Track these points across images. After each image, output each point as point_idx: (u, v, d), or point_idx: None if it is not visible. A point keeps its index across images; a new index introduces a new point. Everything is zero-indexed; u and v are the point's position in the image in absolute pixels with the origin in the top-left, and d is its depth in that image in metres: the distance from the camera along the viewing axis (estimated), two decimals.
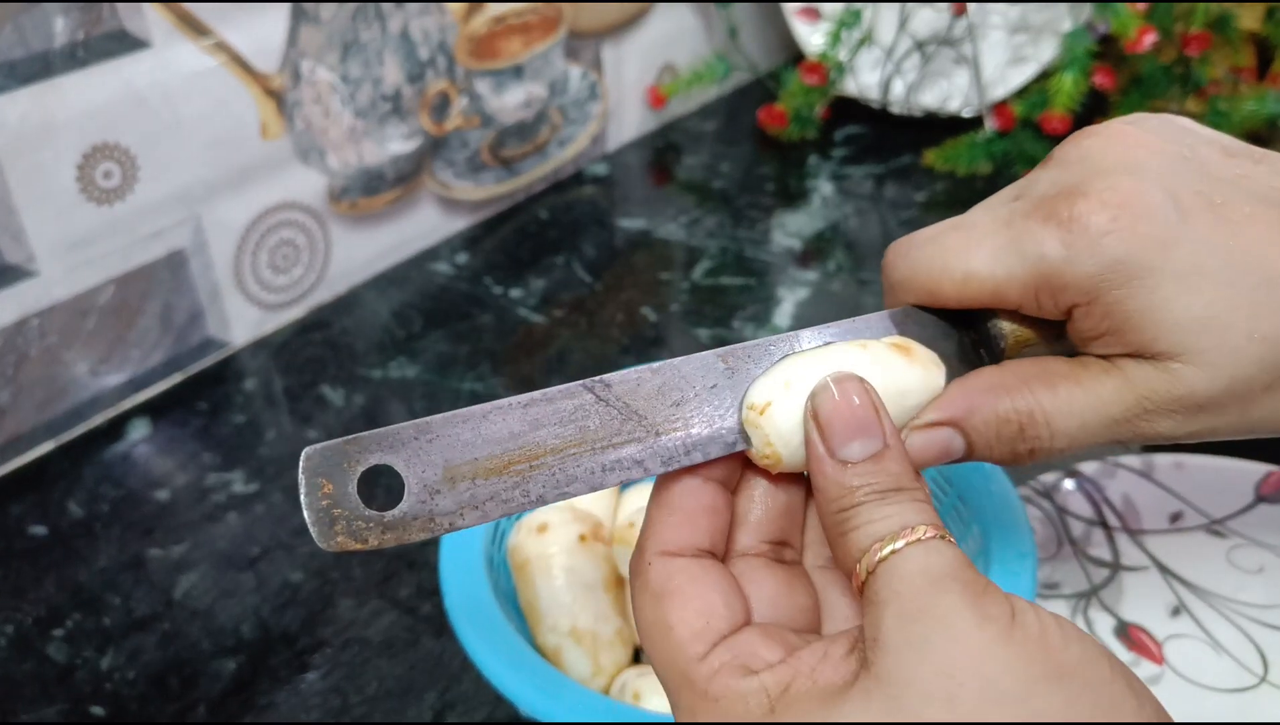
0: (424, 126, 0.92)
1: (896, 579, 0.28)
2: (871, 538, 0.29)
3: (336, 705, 0.57)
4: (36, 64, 0.67)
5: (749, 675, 0.29)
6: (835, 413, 0.31)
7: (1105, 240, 0.32)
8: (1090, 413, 0.34)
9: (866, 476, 0.30)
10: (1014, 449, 0.34)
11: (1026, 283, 0.33)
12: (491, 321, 0.86)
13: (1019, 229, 0.33)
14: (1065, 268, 0.32)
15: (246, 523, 0.68)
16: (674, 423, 0.33)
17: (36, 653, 0.60)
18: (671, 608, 0.31)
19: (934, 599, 0.28)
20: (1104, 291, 0.32)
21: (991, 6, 1.09)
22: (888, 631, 0.28)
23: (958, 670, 0.26)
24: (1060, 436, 0.34)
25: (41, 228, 0.70)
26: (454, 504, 0.30)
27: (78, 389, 0.75)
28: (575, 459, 0.32)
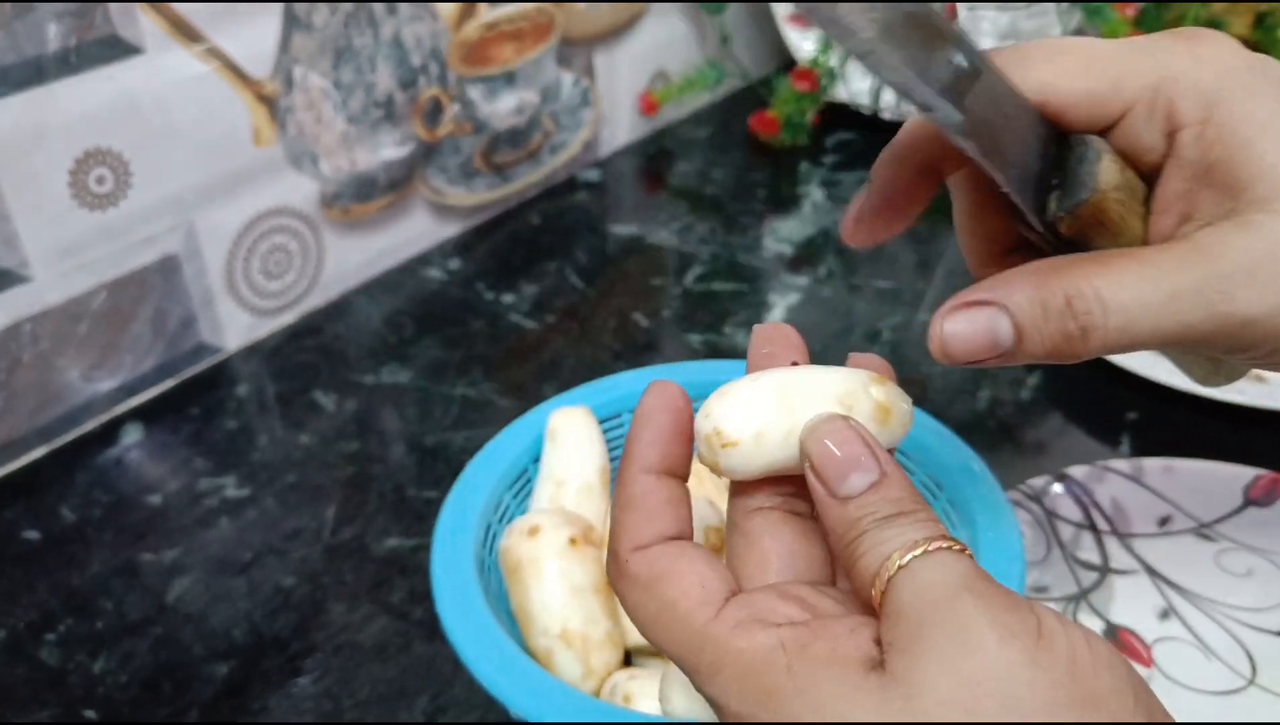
0: (416, 132, 0.92)
1: (908, 592, 0.28)
2: (879, 559, 0.29)
3: (328, 709, 0.57)
4: (29, 69, 0.67)
5: (767, 628, 0.29)
6: (827, 457, 0.30)
7: (1227, 54, 0.32)
8: (1148, 283, 0.31)
9: (867, 507, 0.30)
10: (1065, 329, 0.31)
11: (1148, 83, 0.32)
12: (484, 327, 0.86)
13: (1150, 39, 0.33)
14: (1190, 72, 0.32)
15: (239, 528, 0.68)
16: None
17: (29, 656, 0.60)
18: (667, 587, 0.30)
19: (949, 611, 0.27)
20: (1222, 103, 0.31)
21: (982, 14, 1.10)
22: (904, 639, 0.27)
23: (980, 683, 0.26)
24: (1114, 311, 0.31)
25: (34, 233, 0.70)
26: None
27: (70, 394, 0.75)
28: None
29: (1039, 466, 0.68)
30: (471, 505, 0.51)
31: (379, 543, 0.67)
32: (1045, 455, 0.71)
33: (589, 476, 0.54)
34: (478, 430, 0.75)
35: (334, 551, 0.66)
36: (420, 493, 0.70)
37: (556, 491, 0.54)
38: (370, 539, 0.67)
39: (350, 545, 0.67)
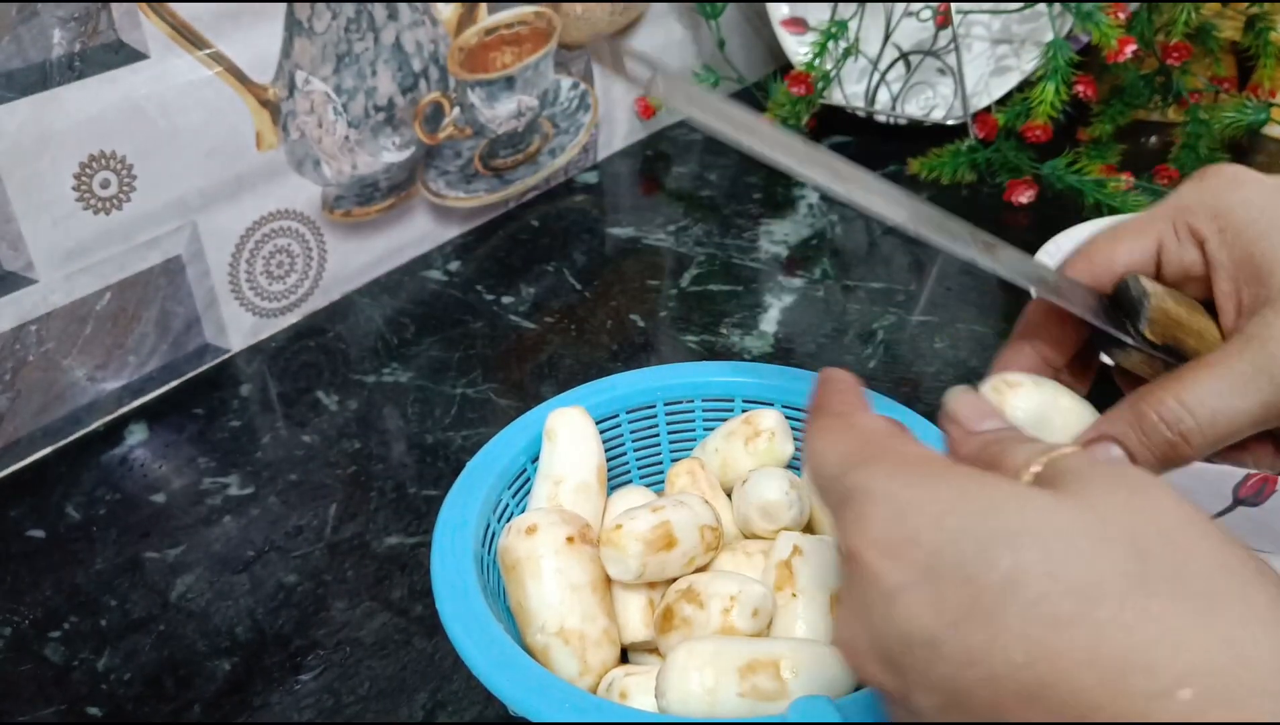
0: (417, 136, 0.93)
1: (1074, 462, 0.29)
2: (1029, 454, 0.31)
3: (329, 705, 0.58)
4: (35, 74, 0.68)
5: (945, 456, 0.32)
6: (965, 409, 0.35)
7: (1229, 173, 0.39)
8: (1218, 380, 0.36)
9: (1002, 433, 0.33)
10: (1164, 439, 0.36)
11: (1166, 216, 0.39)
12: (483, 328, 0.87)
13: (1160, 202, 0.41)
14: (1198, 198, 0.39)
15: (242, 526, 0.69)
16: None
17: (34, 654, 0.61)
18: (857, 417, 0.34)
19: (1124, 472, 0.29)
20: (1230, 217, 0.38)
21: (975, 18, 1.11)
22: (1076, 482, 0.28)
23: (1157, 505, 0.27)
24: (1199, 412, 0.36)
25: (40, 236, 0.70)
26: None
27: (75, 394, 0.76)
28: None
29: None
30: (470, 504, 0.52)
31: (380, 540, 0.67)
32: None
33: (586, 476, 0.54)
34: (477, 429, 0.76)
35: (335, 549, 0.67)
36: (421, 491, 0.71)
37: (554, 490, 0.54)
38: (371, 537, 0.68)
39: (351, 543, 0.67)
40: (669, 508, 0.50)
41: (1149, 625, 0.25)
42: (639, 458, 0.60)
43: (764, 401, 0.58)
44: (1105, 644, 0.25)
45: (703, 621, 0.46)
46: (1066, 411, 0.41)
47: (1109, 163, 1.03)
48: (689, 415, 0.59)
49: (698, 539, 0.50)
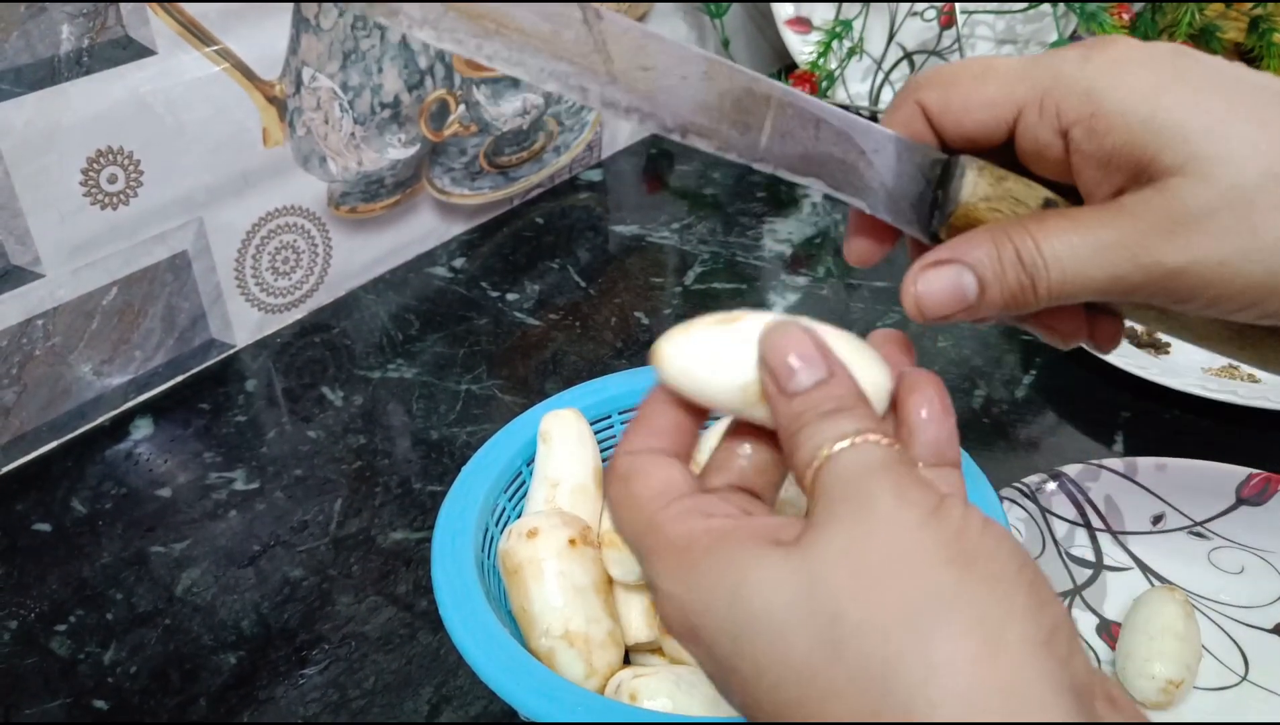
0: (423, 133, 0.93)
1: (832, 473, 0.30)
2: (814, 448, 0.31)
3: (334, 699, 0.58)
4: (43, 70, 0.68)
5: (703, 518, 0.31)
6: (780, 356, 0.32)
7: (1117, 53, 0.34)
8: (1081, 240, 0.34)
9: (811, 402, 0.32)
10: (1019, 279, 0.34)
11: (1036, 87, 0.35)
12: (488, 325, 0.87)
13: (1050, 52, 0.35)
14: (1076, 72, 0.34)
15: (247, 520, 0.69)
16: (635, 80, 0.34)
17: (40, 647, 0.61)
18: (636, 481, 0.33)
19: (862, 485, 0.29)
20: (1108, 96, 0.34)
21: (979, 18, 1.11)
22: (818, 513, 0.30)
23: (870, 541, 0.28)
24: (1053, 263, 0.34)
25: (47, 230, 0.71)
26: (420, 15, 0.32)
27: (81, 389, 0.76)
28: (534, 51, 0.33)
29: (1034, 464, 0.69)
30: (468, 509, 0.52)
31: (385, 535, 0.68)
32: (1040, 453, 0.72)
33: (582, 477, 0.54)
34: (481, 425, 0.76)
35: (341, 544, 0.67)
36: (425, 486, 0.71)
37: (551, 493, 0.54)
38: (376, 532, 0.68)
39: (357, 538, 0.67)
40: None
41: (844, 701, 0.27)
42: None
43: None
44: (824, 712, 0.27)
45: None
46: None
47: None
48: None
49: None
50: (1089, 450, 0.72)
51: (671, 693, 0.46)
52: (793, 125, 0.36)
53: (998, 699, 0.26)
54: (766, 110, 0.36)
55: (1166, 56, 0.34)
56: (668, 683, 0.47)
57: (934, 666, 0.26)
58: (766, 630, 0.28)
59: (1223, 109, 0.33)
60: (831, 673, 0.27)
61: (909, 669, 0.26)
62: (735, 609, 0.29)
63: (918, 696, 0.26)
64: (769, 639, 0.28)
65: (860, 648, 0.27)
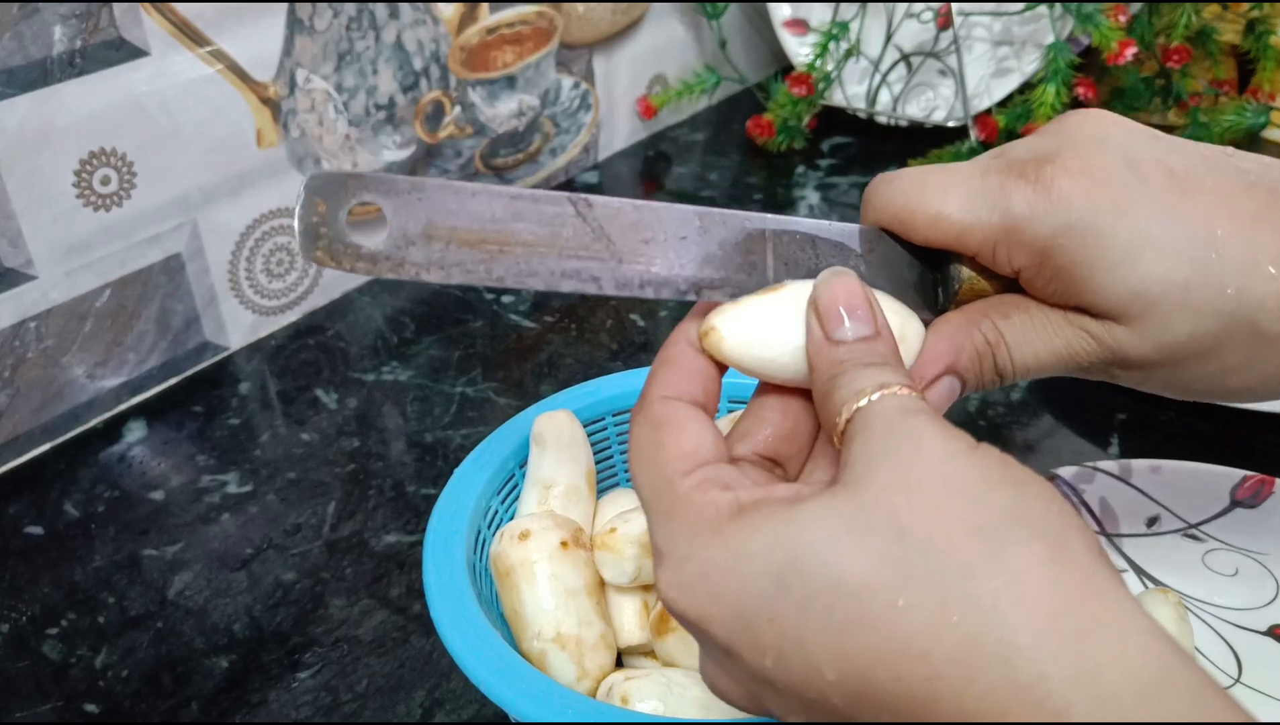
0: (418, 135, 0.93)
1: (870, 416, 0.31)
2: (851, 393, 0.31)
3: (327, 703, 0.58)
4: (35, 71, 0.68)
5: (725, 489, 0.31)
6: (833, 300, 0.34)
7: (1063, 203, 0.35)
8: (1042, 347, 0.37)
9: (854, 353, 0.33)
10: (991, 377, 0.38)
11: (989, 232, 0.36)
12: (483, 327, 0.87)
13: (993, 181, 0.36)
14: (1025, 225, 0.35)
15: (240, 523, 0.69)
16: (639, 256, 0.35)
17: (31, 650, 0.61)
18: (667, 433, 0.33)
19: (903, 423, 0.30)
20: (1055, 254, 0.35)
21: (976, 20, 1.11)
22: (857, 450, 0.30)
23: (921, 468, 0.29)
24: (1019, 363, 0.37)
25: (39, 232, 0.71)
26: (425, 258, 0.33)
27: (74, 391, 0.76)
28: (541, 257, 0.34)
29: (1029, 466, 0.68)
30: (460, 512, 0.52)
31: (378, 538, 0.67)
32: (1035, 455, 0.72)
33: (575, 479, 0.54)
34: (476, 428, 0.76)
35: (334, 547, 0.67)
36: (419, 489, 0.71)
37: (544, 495, 0.54)
38: (370, 535, 0.68)
39: (350, 541, 0.67)
40: None
41: (912, 612, 0.27)
42: (625, 460, 0.60)
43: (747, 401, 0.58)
44: (885, 638, 0.27)
45: None
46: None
47: None
48: None
49: None
50: (1084, 452, 0.72)
51: (663, 695, 0.46)
52: (792, 250, 0.38)
53: (1075, 600, 0.26)
54: (765, 244, 0.37)
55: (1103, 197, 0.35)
56: (660, 686, 0.47)
57: (1011, 572, 0.26)
58: (818, 557, 0.28)
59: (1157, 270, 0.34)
60: (898, 585, 0.27)
61: (986, 575, 0.27)
62: (776, 550, 0.29)
63: (1001, 599, 0.26)
64: (821, 565, 0.28)
65: (929, 560, 0.27)
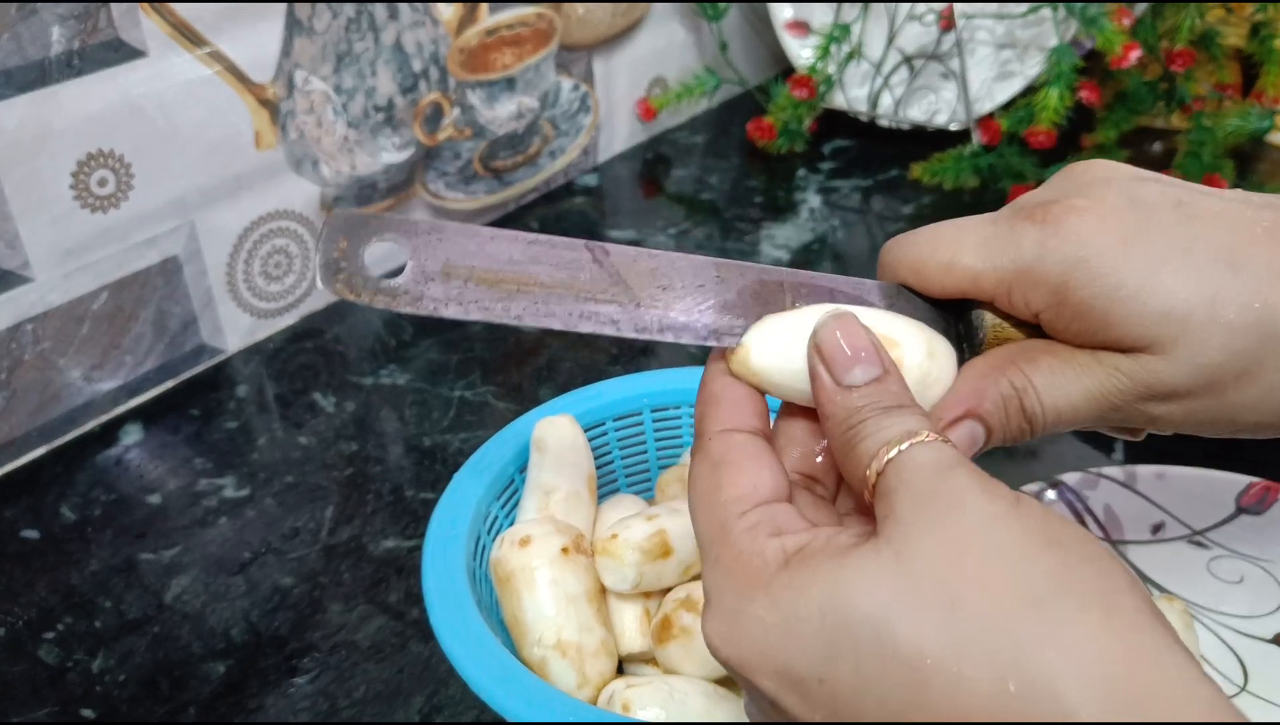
0: (416, 137, 0.92)
1: (906, 470, 0.30)
2: (878, 444, 0.31)
3: (325, 708, 0.57)
4: (33, 72, 0.67)
5: (775, 536, 0.31)
6: (837, 345, 0.34)
7: (1073, 239, 0.34)
8: (1072, 387, 0.36)
9: (869, 397, 0.33)
10: (1019, 425, 0.36)
11: (1002, 277, 0.36)
12: (482, 330, 0.87)
13: (1003, 227, 0.36)
14: (1036, 265, 0.35)
15: (237, 527, 0.69)
16: (656, 301, 0.35)
17: (28, 655, 0.61)
18: (725, 474, 0.34)
19: (943, 482, 0.30)
20: (1070, 291, 0.34)
21: (979, 22, 1.10)
22: (899, 508, 0.30)
23: (967, 535, 0.28)
24: (1050, 410, 0.36)
25: (36, 234, 0.70)
26: (443, 294, 0.34)
27: (71, 394, 0.75)
28: (559, 299, 0.34)
29: (1032, 473, 0.68)
30: (460, 517, 0.51)
31: (376, 543, 0.67)
32: (1039, 461, 0.72)
33: (576, 485, 0.54)
34: (475, 432, 0.75)
35: (332, 551, 0.67)
36: (418, 494, 0.71)
37: (545, 500, 0.54)
38: (368, 539, 0.67)
39: (348, 545, 0.67)
40: (664, 516, 0.49)
41: (970, 685, 0.27)
42: (626, 465, 0.59)
43: None
44: (943, 711, 0.27)
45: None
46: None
47: None
48: (675, 421, 0.59)
49: (694, 547, 0.49)
50: (1088, 458, 0.71)
51: (665, 703, 0.46)
52: (812, 301, 0.37)
53: (1132, 671, 0.26)
54: (783, 295, 0.37)
55: (1113, 230, 0.34)
56: (661, 693, 0.46)
57: (1066, 646, 0.26)
58: (871, 626, 0.28)
59: (1179, 292, 0.34)
60: (954, 658, 0.27)
61: (1040, 648, 0.26)
62: (828, 614, 0.29)
63: (1058, 674, 0.26)
64: (874, 634, 0.28)
65: (982, 633, 0.27)
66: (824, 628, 0.29)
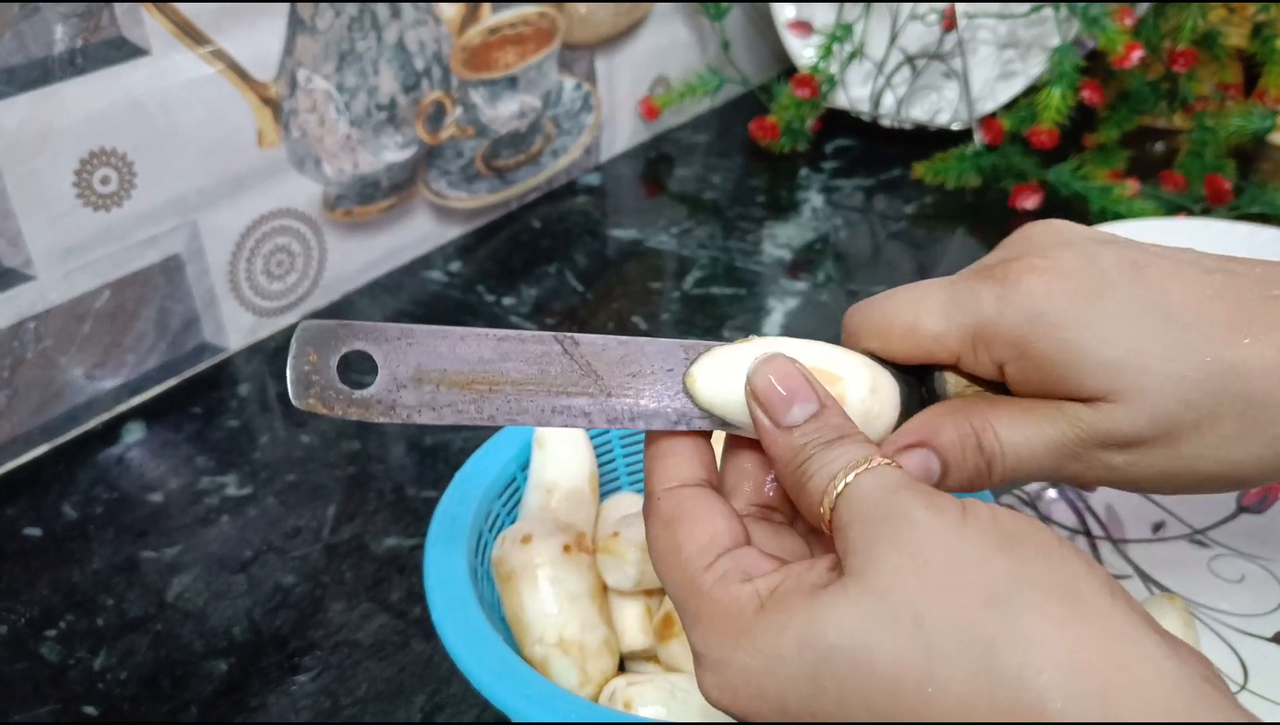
0: (419, 136, 0.92)
1: (855, 501, 0.31)
2: (826, 478, 0.32)
3: (326, 707, 0.57)
4: (36, 70, 0.68)
5: (746, 581, 0.32)
6: (770, 387, 0.35)
7: (1032, 295, 0.35)
8: (1033, 432, 0.37)
9: (810, 433, 0.34)
10: (977, 465, 0.37)
11: (964, 335, 0.37)
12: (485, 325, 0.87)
13: (962, 287, 0.37)
14: (997, 320, 0.36)
15: (239, 526, 0.69)
16: (627, 390, 0.36)
17: (30, 653, 0.61)
18: (680, 529, 0.34)
19: (891, 504, 0.31)
20: (1031, 343, 0.35)
21: (981, 22, 1.10)
22: (855, 539, 0.31)
23: (922, 549, 0.30)
24: (1009, 452, 0.37)
25: (39, 232, 0.70)
26: (416, 400, 0.34)
27: (73, 392, 0.75)
28: (531, 395, 0.35)
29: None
30: (462, 515, 0.51)
31: (378, 542, 0.67)
32: None
33: (578, 483, 0.54)
34: (477, 431, 0.75)
35: (333, 550, 0.67)
36: (419, 492, 0.71)
37: (546, 498, 0.54)
38: (370, 538, 0.67)
39: (350, 544, 0.67)
40: None
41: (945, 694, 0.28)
42: (628, 463, 0.59)
43: None
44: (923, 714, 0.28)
45: None
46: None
47: (1115, 168, 1.03)
48: None
49: None
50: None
51: (666, 700, 0.46)
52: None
53: (1096, 654, 0.27)
54: None
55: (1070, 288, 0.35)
56: (662, 690, 0.46)
57: (1030, 640, 0.27)
58: (847, 656, 0.29)
59: (1135, 344, 0.35)
60: (927, 671, 0.28)
61: (1007, 646, 0.28)
62: (806, 651, 0.30)
63: (1025, 669, 0.27)
64: (851, 662, 0.29)
65: (950, 641, 0.28)
66: (805, 664, 0.30)
